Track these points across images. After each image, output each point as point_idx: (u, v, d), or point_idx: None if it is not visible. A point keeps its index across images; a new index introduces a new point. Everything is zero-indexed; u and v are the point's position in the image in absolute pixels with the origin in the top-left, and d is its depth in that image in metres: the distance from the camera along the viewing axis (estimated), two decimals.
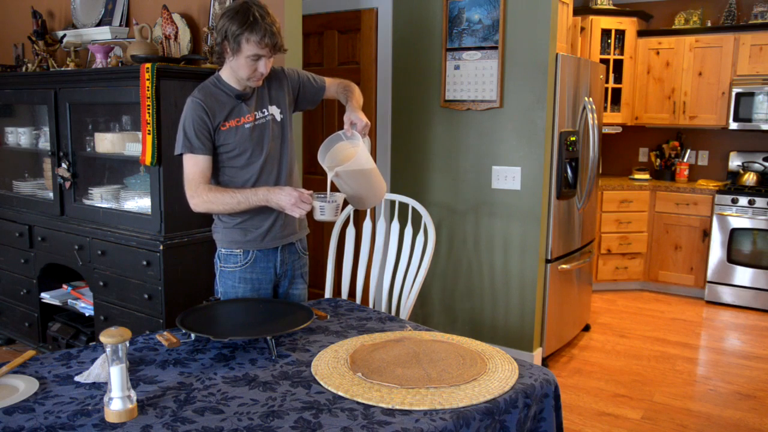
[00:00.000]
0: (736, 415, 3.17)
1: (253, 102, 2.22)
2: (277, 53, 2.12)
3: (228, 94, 2.18)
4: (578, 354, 3.98)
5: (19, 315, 3.80)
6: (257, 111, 2.22)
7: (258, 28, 2.04)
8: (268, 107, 2.25)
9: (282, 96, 2.29)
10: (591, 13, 5.33)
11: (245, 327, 1.96)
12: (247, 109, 2.20)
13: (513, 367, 1.69)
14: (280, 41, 2.09)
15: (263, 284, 2.29)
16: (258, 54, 2.07)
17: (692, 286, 5.22)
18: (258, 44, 2.05)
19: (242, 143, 2.18)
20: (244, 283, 2.26)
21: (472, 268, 3.82)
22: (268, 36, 2.05)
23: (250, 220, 2.23)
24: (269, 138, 2.23)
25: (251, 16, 2.04)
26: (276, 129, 2.26)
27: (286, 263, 2.34)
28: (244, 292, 2.26)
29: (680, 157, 5.60)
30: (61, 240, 3.38)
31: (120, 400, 1.40)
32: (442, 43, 3.75)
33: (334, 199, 2.08)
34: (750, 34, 5.04)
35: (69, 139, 3.32)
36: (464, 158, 3.77)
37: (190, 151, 2.12)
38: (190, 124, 2.11)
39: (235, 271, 2.26)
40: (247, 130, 2.19)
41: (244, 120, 2.19)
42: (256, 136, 2.20)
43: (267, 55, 2.09)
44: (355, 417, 1.42)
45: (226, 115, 2.16)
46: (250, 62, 2.09)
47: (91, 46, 3.33)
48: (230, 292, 2.27)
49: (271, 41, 2.06)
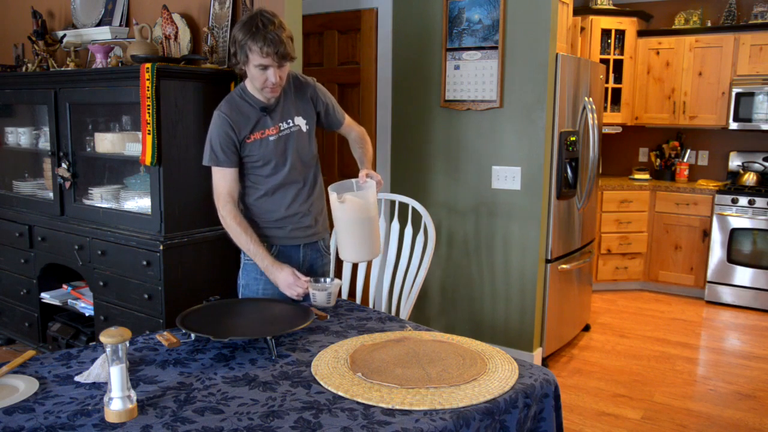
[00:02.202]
0: (736, 415, 3.17)
1: (278, 114, 2.24)
2: (284, 62, 2.10)
3: (253, 106, 2.21)
4: (578, 354, 3.98)
5: (19, 315, 3.80)
6: (281, 122, 2.25)
7: (259, 37, 2.03)
8: (293, 118, 2.27)
9: (309, 108, 2.32)
10: (591, 13, 5.33)
11: (245, 327, 1.96)
12: (271, 122, 2.23)
13: (513, 367, 1.69)
14: (285, 50, 2.07)
15: None
16: (263, 63, 2.07)
17: (692, 286, 5.22)
18: (260, 53, 2.05)
19: (266, 155, 2.22)
20: (265, 276, 2.28)
21: (472, 268, 3.82)
22: (270, 45, 2.04)
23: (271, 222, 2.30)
24: (293, 149, 2.26)
25: (255, 25, 2.05)
26: (302, 139, 2.29)
27: (308, 261, 2.39)
28: (265, 285, 2.29)
29: (680, 157, 5.60)
30: (61, 240, 3.38)
31: (120, 400, 1.40)
32: (442, 43, 3.75)
33: (329, 289, 2.16)
34: (750, 34, 5.04)
35: (69, 139, 3.32)
36: (464, 158, 3.77)
37: (216, 165, 2.20)
38: (216, 139, 2.18)
39: (256, 265, 2.28)
40: (272, 142, 2.22)
41: (269, 132, 2.22)
42: (280, 147, 2.24)
43: (273, 65, 2.08)
44: (355, 417, 1.42)
45: (252, 128, 2.20)
46: (259, 72, 2.10)
47: (91, 46, 3.33)
48: (252, 285, 2.32)
49: (274, 50, 2.05)
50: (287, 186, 2.29)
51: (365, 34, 4.01)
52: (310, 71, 4.12)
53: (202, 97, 2.96)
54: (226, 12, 3.17)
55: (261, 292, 2.32)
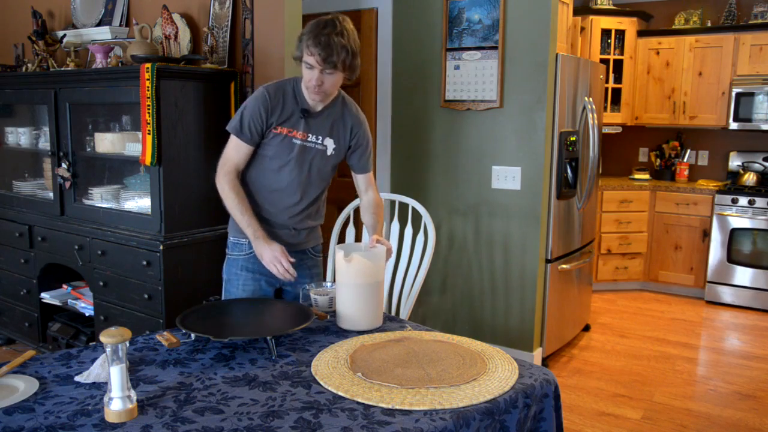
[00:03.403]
0: (736, 415, 3.17)
1: (314, 124, 2.20)
2: (329, 68, 2.04)
3: (297, 102, 2.18)
4: (578, 354, 3.98)
5: (19, 315, 3.80)
6: (312, 134, 2.21)
7: (313, 35, 2.02)
8: (325, 137, 2.23)
9: (344, 136, 2.28)
10: (591, 13, 5.33)
11: (245, 327, 1.96)
12: (304, 126, 2.19)
13: (513, 367, 1.69)
14: (333, 57, 2.02)
15: (264, 275, 2.28)
16: (308, 62, 2.05)
17: (692, 286, 5.22)
18: (308, 51, 2.03)
19: (281, 153, 2.19)
20: (245, 272, 2.28)
21: (472, 268, 3.82)
22: (318, 46, 2.00)
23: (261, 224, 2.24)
24: (309, 164, 2.23)
25: (319, 24, 2.04)
26: (322, 160, 2.25)
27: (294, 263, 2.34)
28: (245, 281, 2.28)
29: (680, 157, 5.60)
30: (61, 240, 3.38)
31: (120, 400, 1.40)
32: (442, 43, 3.75)
33: (331, 293, 2.14)
34: (750, 34, 5.04)
35: (69, 139, 3.32)
36: (464, 158, 3.77)
37: (237, 135, 2.17)
38: (249, 112, 2.15)
39: (239, 259, 2.28)
40: (293, 145, 2.19)
41: (295, 134, 2.19)
42: (296, 154, 2.20)
43: (317, 67, 2.04)
44: (355, 417, 1.42)
45: (284, 120, 2.17)
46: (306, 69, 2.08)
47: (91, 46, 3.33)
48: (232, 279, 2.31)
49: (320, 52, 2.01)
50: (284, 194, 2.24)
51: (365, 34, 4.01)
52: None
53: (202, 97, 2.96)
54: (226, 12, 3.18)
55: (242, 287, 2.29)
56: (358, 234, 2.92)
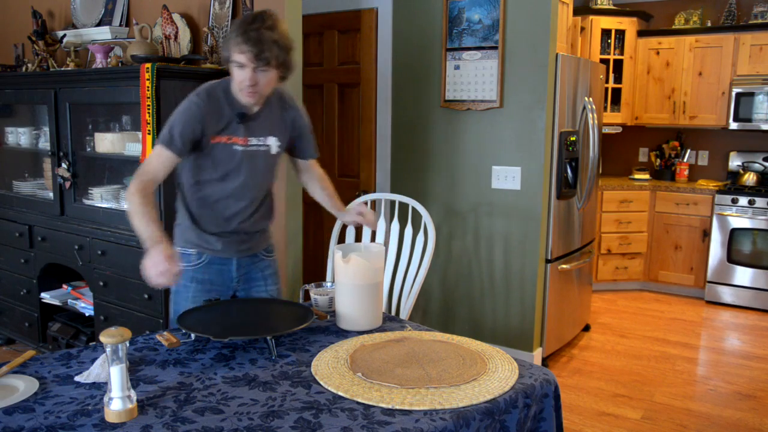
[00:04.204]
0: (736, 415, 3.17)
1: (254, 126, 2.08)
2: (261, 66, 1.90)
3: (231, 108, 2.04)
4: (578, 354, 3.98)
5: (19, 315, 3.80)
6: (252, 137, 2.08)
7: (242, 31, 1.88)
8: (267, 136, 2.12)
9: (285, 130, 2.17)
10: (591, 13, 5.33)
11: (245, 327, 1.96)
12: (244, 131, 2.06)
13: (513, 367, 1.69)
14: (264, 53, 1.88)
15: (215, 285, 2.19)
16: (238, 61, 1.90)
17: (692, 286, 5.22)
18: (238, 48, 1.89)
19: (224, 162, 2.06)
20: (196, 283, 2.16)
21: (472, 268, 3.82)
22: (248, 42, 1.86)
23: (206, 232, 2.15)
24: (254, 167, 2.11)
25: (245, 19, 1.91)
26: (267, 160, 2.14)
27: (244, 267, 2.24)
28: (195, 293, 2.16)
29: (680, 157, 5.60)
30: (61, 240, 3.38)
31: (120, 400, 1.40)
32: (442, 43, 3.75)
33: (330, 293, 2.11)
34: (750, 34, 5.04)
35: (69, 139, 3.32)
36: (464, 158, 3.77)
37: (167, 145, 1.98)
38: (180, 123, 1.98)
39: (188, 270, 2.15)
40: (234, 152, 2.06)
41: (235, 140, 2.05)
42: (240, 161, 2.07)
43: (248, 65, 1.90)
44: (355, 417, 1.42)
45: (221, 129, 2.03)
46: (236, 69, 1.93)
47: (91, 46, 3.33)
48: (181, 290, 2.17)
49: (251, 49, 1.87)
50: (231, 200, 2.12)
51: (365, 34, 4.01)
52: (310, 71, 4.12)
53: None
54: (226, 12, 3.18)
55: (191, 298, 2.17)
56: (358, 234, 2.92)
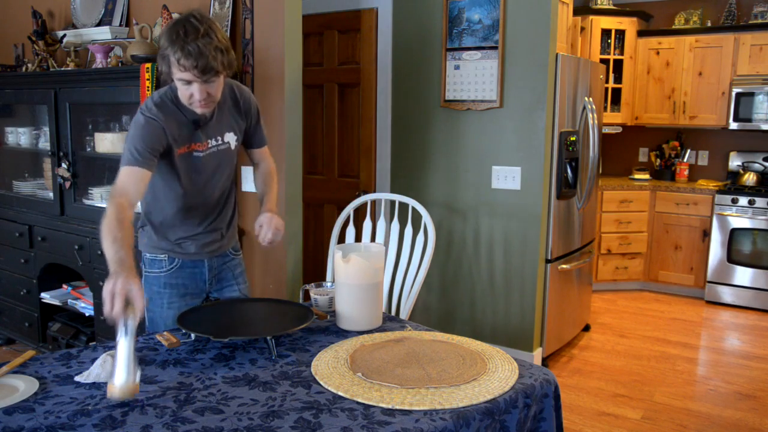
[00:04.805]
0: (736, 415, 3.17)
1: (210, 128, 2.01)
2: (208, 77, 1.79)
3: (186, 117, 1.96)
4: (578, 354, 3.98)
5: (19, 315, 3.80)
6: (211, 139, 2.02)
7: (177, 48, 1.74)
8: (224, 134, 2.06)
9: (240, 122, 2.10)
10: (591, 13, 5.33)
11: (245, 327, 1.96)
12: (202, 136, 2.00)
13: (513, 367, 1.69)
14: (209, 64, 1.75)
15: (189, 289, 2.18)
16: (183, 78, 1.79)
17: (692, 286, 5.22)
18: (179, 66, 1.76)
19: (186, 171, 2.01)
20: (170, 288, 2.14)
21: (472, 268, 3.82)
22: (189, 57, 1.74)
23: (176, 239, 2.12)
24: (215, 167, 2.07)
25: (176, 32, 1.76)
26: (227, 157, 2.09)
27: (215, 268, 2.23)
28: (170, 297, 2.14)
29: (680, 157, 5.60)
30: (61, 240, 3.38)
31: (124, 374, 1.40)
32: (442, 43, 3.75)
33: (330, 293, 2.11)
34: (750, 34, 5.04)
35: (69, 139, 3.32)
36: (464, 158, 3.77)
37: (136, 163, 1.84)
38: (142, 142, 1.85)
39: (160, 276, 2.13)
40: (196, 158, 2.01)
41: (195, 147, 2.00)
42: (201, 165, 2.03)
43: (195, 80, 1.79)
44: (355, 417, 1.42)
45: (183, 140, 1.97)
46: (183, 86, 1.83)
47: (91, 46, 3.33)
48: (155, 298, 2.14)
49: (193, 64, 1.74)
50: (197, 205, 2.09)
51: (365, 34, 4.01)
52: (310, 71, 4.12)
53: None
54: (226, 12, 3.17)
55: (167, 305, 2.14)
56: (358, 234, 2.92)
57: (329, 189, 4.25)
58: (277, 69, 3.01)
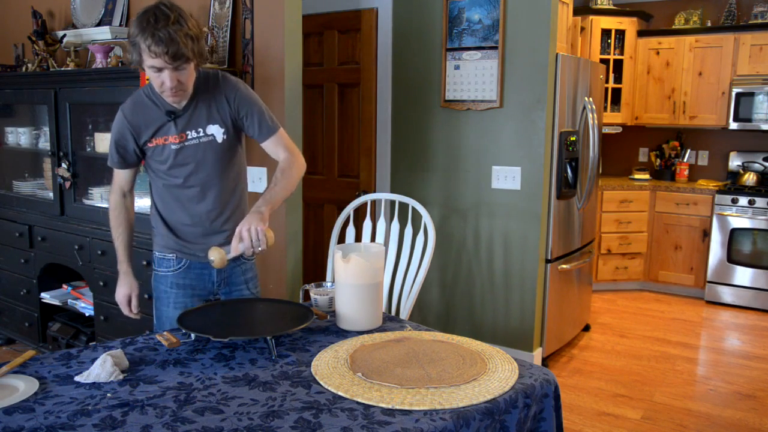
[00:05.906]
0: (736, 415, 3.17)
1: (185, 120, 2.00)
2: (179, 64, 1.81)
3: (159, 108, 1.98)
4: (578, 354, 3.98)
5: (19, 315, 3.80)
6: (189, 130, 2.00)
7: (148, 34, 1.76)
8: (206, 126, 2.02)
9: (226, 113, 2.04)
10: (591, 13, 5.33)
11: (245, 327, 1.96)
12: (175, 129, 1.99)
13: (513, 367, 1.69)
14: (179, 50, 1.77)
15: (197, 290, 2.18)
16: (154, 65, 1.80)
17: (692, 286, 5.22)
18: (148, 52, 1.78)
19: (167, 163, 2.03)
20: (176, 288, 2.15)
21: (472, 268, 3.82)
22: (159, 43, 1.75)
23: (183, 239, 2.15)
24: (202, 161, 2.04)
25: (146, 19, 1.78)
26: (215, 152, 2.05)
27: (225, 270, 2.18)
28: (176, 297, 2.16)
29: (680, 157, 5.60)
30: (61, 240, 3.38)
31: None
32: (442, 43, 3.75)
33: (331, 293, 2.11)
34: (750, 34, 5.04)
35: (69, 139, 3.32)
36: (464, 158, 3.77)
37: (112, 165, 2.11)
38: (113, 141, 2.05)
39: (168, 275, 2.15)
40: (173, 151, 2.01)
41: (171, 140, 2.00)
42: (182, 158, 2.02)
43: (166, 67, 1.80)
44: (355, 417, 1.42)
45: (153, 132, 1.99)
46: (154, 74, 1.84)
47: (91, 46, 3.33)
48: (162, 297, 2.17)
49: (164, 50, 1.75)
50: (190, 201, 2.08)
51: (365, 34, 4.01)
52: (310, 71, 4.12)
53: None
54: (226, 12, 3.18)
55: (173, 304, 2.15)
56: (358, 234, 2.92)
57: (329, 189, 4.25)
58: (277, 69, 3.01)
